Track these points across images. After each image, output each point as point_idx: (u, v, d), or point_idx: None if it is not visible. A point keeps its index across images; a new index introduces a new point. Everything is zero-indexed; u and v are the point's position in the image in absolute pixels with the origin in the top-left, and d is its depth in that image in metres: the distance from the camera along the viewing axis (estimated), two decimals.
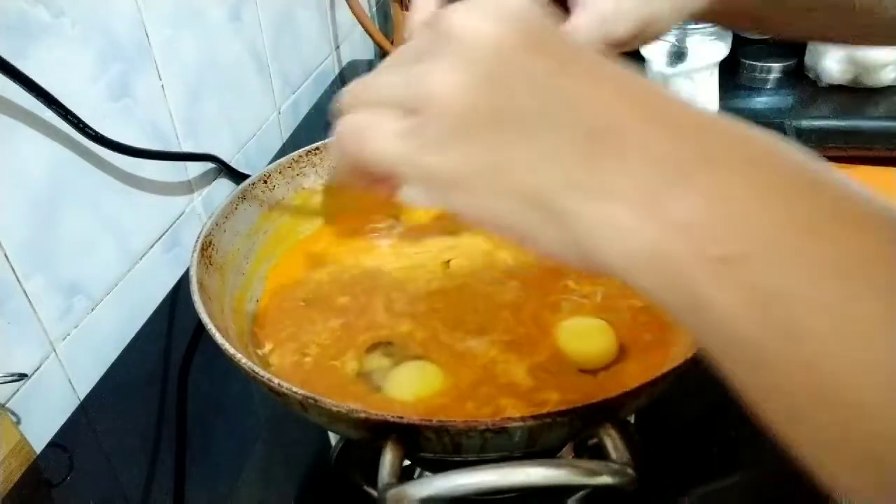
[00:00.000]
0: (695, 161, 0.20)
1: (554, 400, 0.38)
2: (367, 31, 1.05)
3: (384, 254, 0.52)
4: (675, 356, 0.40)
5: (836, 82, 0.91)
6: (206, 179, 0.70)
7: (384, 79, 0.25)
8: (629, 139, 0.20)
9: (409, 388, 0.40)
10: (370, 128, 0.24)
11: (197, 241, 0.44)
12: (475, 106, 0.21)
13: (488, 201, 0.22)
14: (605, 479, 0.28)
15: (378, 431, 0.31)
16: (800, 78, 0.96)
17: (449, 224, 0.54)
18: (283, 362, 0.43)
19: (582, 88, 0.21)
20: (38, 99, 0.46)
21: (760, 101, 0.94)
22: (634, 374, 0.40)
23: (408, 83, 0.23)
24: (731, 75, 0.93)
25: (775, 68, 0.95)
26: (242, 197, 0.50)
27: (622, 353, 0.42)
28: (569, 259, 0.22)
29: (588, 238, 0.21)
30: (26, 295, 0.48)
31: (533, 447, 0.32)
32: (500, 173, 0.22)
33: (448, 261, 0.50)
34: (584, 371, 0.41)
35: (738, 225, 0.19)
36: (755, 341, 0.19)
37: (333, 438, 0.46)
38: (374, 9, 1.24)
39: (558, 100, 0.21)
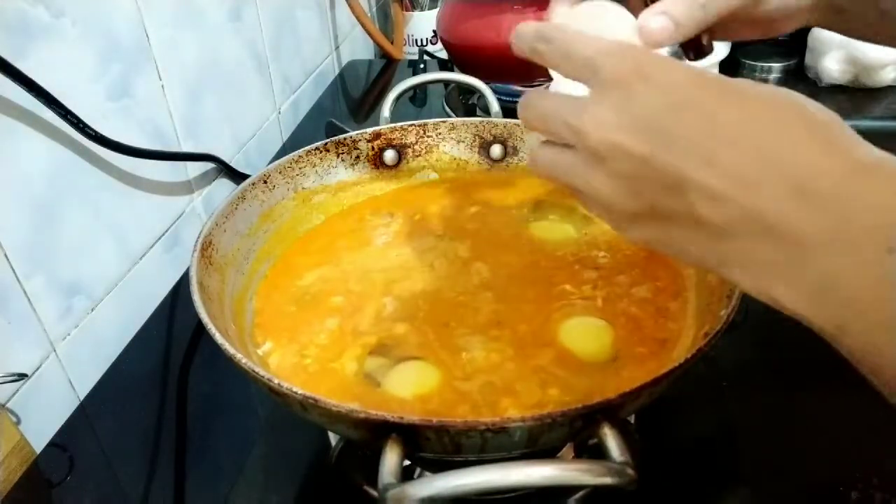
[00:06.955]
0: None
1: (554, 400, 0.38)
2: (367, 31, 1.05)
3: (384, 254, 0.52)
4: (676, 356, 0.40)
5: (836, 82, 0.91)
6: (206, 179, 0.70)
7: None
8: None
9: (409, 388, 0.40)
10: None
11: (197, 241, 0.44)
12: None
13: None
14: (605, 479, 0.28)
15: (378, 431, 0.31)
16: (800, 78, 0.96)
17: (448, 224, 0.54)
18: (284, 363, 0.43)
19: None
20: (38, 99, 0.46)
21: None
22: (634, 375, 0.40)
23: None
24: (732, 75, 0.93)
25: (775, 68, 0.95)
26: (242, 197, 0.50)
27: (621, 353, 0.42)
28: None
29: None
30: (26, 295, 0.48)
31: (533, 447, 0.32)
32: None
33: (448, 261, 0.50)
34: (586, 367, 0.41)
35: None
36: None
37: (333, 438, 0.46)
38: (374, 9, 1.24)
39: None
